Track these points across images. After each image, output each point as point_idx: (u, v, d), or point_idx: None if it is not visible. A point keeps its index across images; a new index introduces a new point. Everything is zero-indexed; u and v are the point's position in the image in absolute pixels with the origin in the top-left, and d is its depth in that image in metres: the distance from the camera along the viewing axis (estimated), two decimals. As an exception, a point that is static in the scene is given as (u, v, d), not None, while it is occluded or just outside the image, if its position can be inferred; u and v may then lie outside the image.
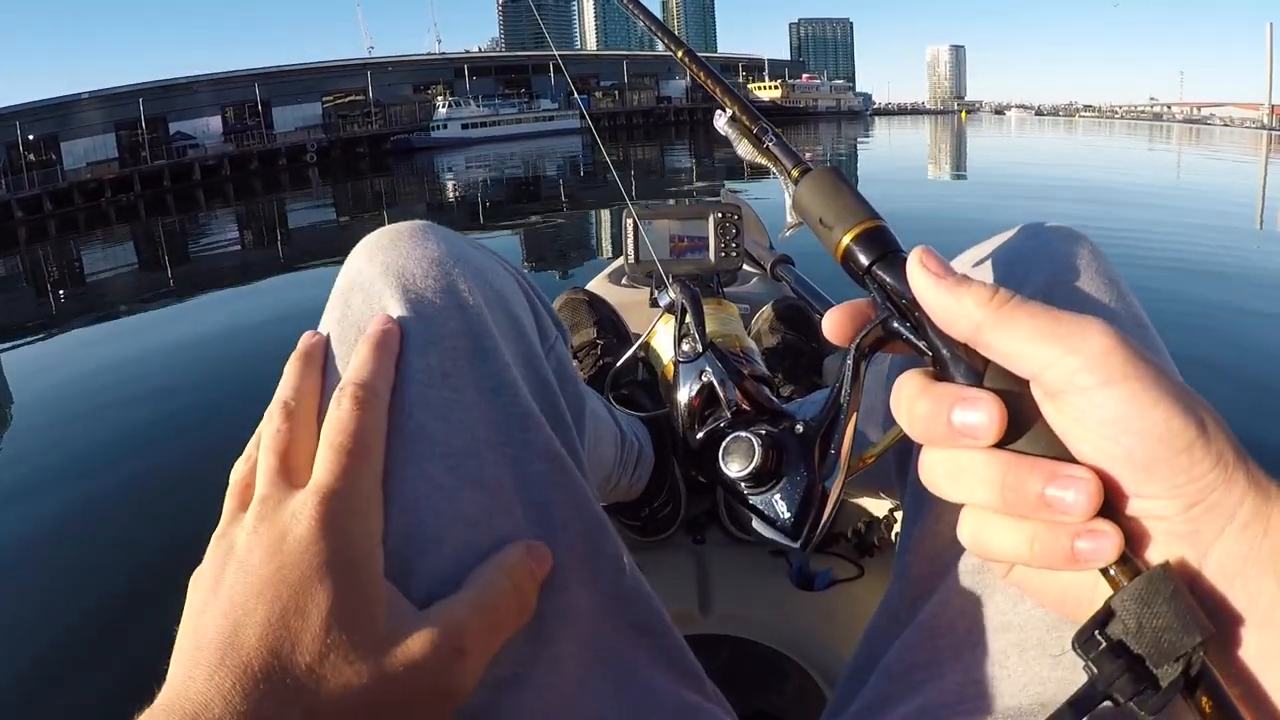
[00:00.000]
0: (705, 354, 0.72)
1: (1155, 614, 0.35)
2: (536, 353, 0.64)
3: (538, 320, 0.69)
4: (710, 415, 0.72)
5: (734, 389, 0.69)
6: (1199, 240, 7.43)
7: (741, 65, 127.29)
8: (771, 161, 0.58)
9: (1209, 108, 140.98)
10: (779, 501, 0.54)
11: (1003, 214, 9.09)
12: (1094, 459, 0.37)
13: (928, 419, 0.40)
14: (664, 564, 1.24)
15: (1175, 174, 17.82)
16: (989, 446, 0.39)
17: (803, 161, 0.55)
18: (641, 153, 32.64)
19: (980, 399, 0.39)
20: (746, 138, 0.60)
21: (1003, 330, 0.38)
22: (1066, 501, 0.37)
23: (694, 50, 0.67)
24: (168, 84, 60.77)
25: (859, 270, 0.47)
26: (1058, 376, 0.37)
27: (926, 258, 0.42)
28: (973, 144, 32.56)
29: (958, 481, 0.40)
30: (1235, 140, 43.66)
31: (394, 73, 74.58)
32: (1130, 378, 0.36)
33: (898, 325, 0.45)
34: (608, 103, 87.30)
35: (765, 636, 1.10)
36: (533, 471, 0.56)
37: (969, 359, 0.41)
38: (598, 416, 0.91)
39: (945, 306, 0.40)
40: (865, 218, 0.48)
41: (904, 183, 14.51)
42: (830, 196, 0.50)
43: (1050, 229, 0.65)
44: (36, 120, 50.90)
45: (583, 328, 1.50)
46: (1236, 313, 4.97)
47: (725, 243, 1.50)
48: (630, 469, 1.10)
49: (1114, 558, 0.37)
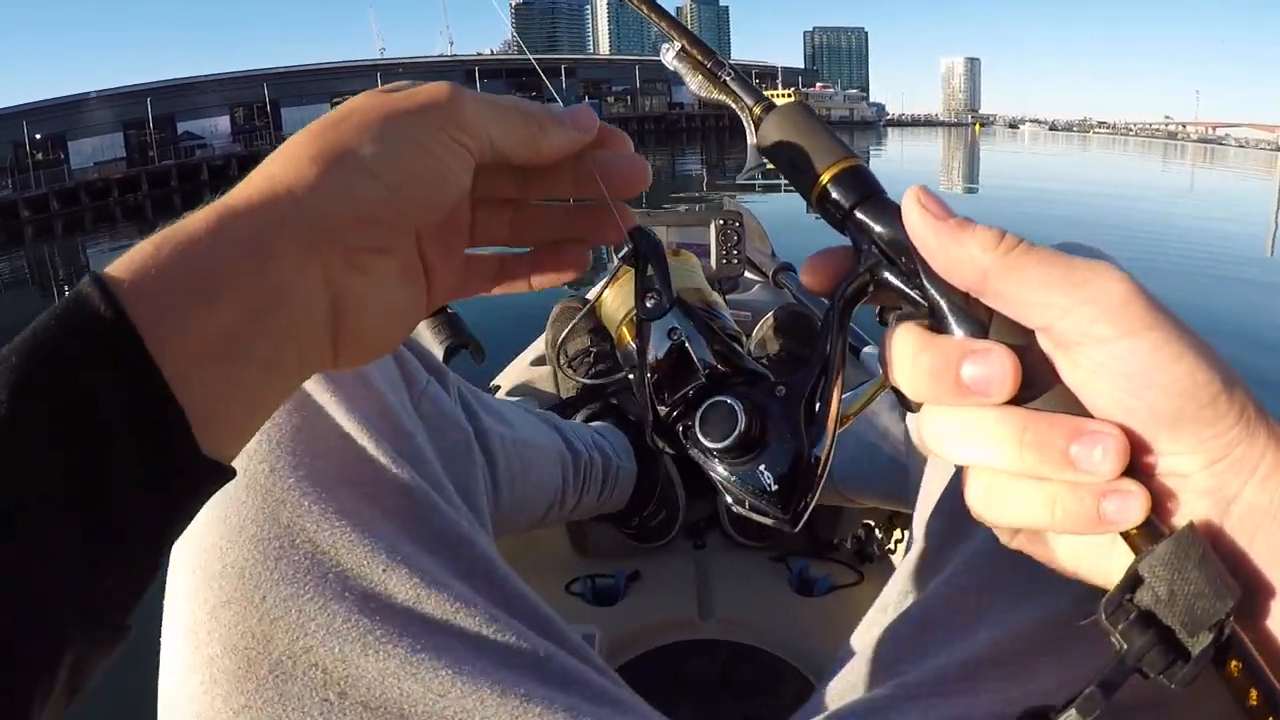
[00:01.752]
0: (673, 309, 0.60)
1: (1187, 579, 0.33)
2: (388, 401, 0.63)
3: (402, 367, 0.70)
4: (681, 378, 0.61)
5: (706, 348, 0.59)
6: (1206, 268, 7.26)
7: (755, 72, 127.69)
8: (730, 97, 0.52)
9: (1224, 128, 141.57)
10: (764, 473, 0.48)
11: (1018, 226, 8.98)
12: (1113, 414, 0.35)
13: (933, 375, 0.37)
14: (665, 569, 1.25)
15: (1187, 194, 17.73)
16: (1001, 403, 0.37)
17: (765, 98, 0.50)
18: (653, 158, 32.72)
19: (992, 350, 0.36)
20: (700, 71, 0.53)
21: (1012, 278, 0.36)
22: (1093, 460, 0.34)
23: None
24: (176, 84, 61.25)
25: (838, 214, 0.44)
26: (1073, 327, 0.35)
27: (926, 198, 0.39)
28: (985, 159, 32.52)
29: (966, 444, 0.38)
30: (1249, 162, 43.64)
31: (404, 74, 74.82)
32: (1151, 328, 0.34)
33: (887, 274, 0.42)
34: (620, 108, 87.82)
35: (765, 642, 1.10)
36: (389, 505, 0.57)
37: (970, 310, 0.38)
38: (523, 443, 0.90)
39: (948, 251, 0.38)
40: (841, 155, 0.44)
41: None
42: (801, 134, 0.46)
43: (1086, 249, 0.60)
44: (44, 119, 51.33)
45: (577, 335, 1.49)
46: (1240, 346, 4.81)
47: (727, 250, 1.53)
48: (595, 487, 1.10)
49: (1141, 519, 0.35)
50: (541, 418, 1.04)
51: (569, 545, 1.34)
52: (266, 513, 0.53)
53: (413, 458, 0.62)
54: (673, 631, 1.13)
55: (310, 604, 0.50)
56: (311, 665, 0.49)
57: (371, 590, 0.52)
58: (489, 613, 0.54)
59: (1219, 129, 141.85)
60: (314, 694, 0.49)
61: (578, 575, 1.22)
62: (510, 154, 0.43)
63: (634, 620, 1.14)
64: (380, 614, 0.51)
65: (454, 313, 1.37)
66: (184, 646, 0.50)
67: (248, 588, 0.50)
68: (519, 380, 1.59)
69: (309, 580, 0.51)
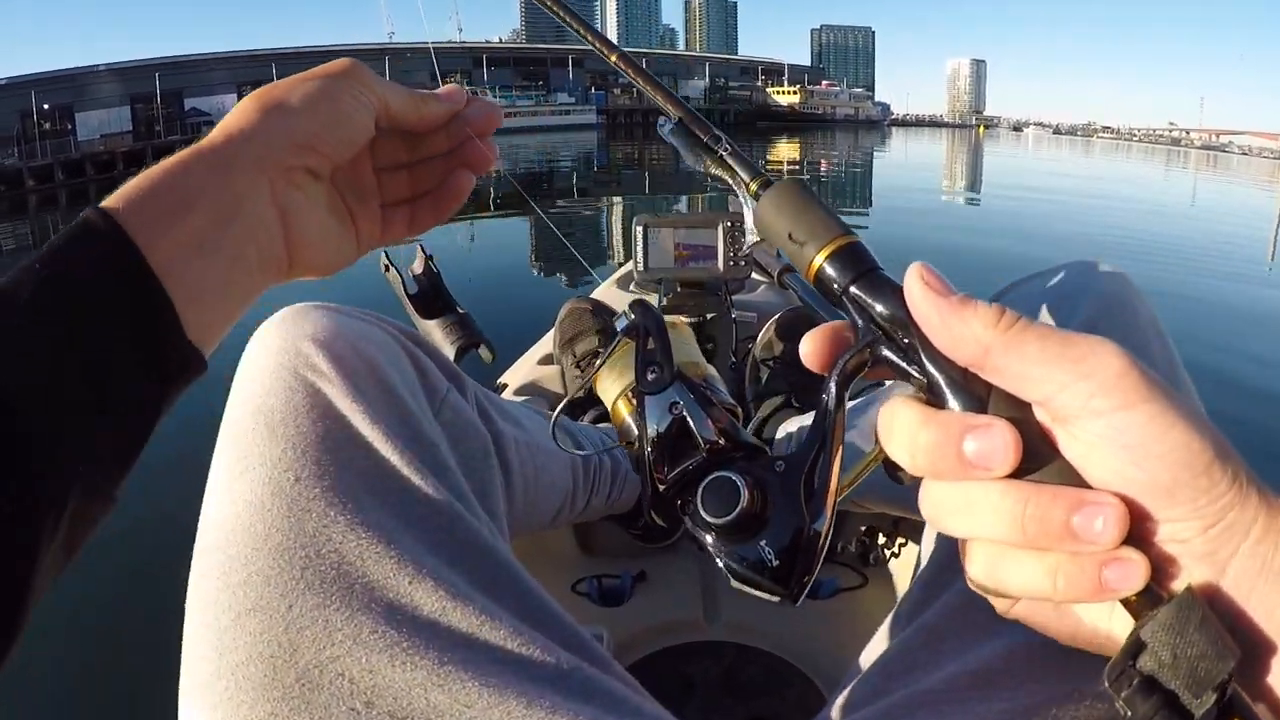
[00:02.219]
0: (674, 384, 0.64)
1: (1189, 643, 0.34)
2: (410, 411, 0.65)
3: (424, 377, 0.71)
4: (681, 453, 0.63)
5: (706, 422, 0.62)
6: (1209, 277, 7.25)
7: (761, 69, 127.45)
8: (727, 173, 0.55)
9: (1228, 135, 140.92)
10: (765, 549, 0.49)
11: (1017, 236, 8.91)
12: (1112, 484, 0.36)
13: (934, 450, 0.38)
14: (670, 570, 1.25)
15: (1189, 202, 17.68)
16: (1002, 477, 0.37)
17: (762, 173, 0.52)
18: (657, 150, 32.54)
19: (993, 426, 0.37)
20: (697, 146, 0.56)
21: (1013, 353, 0.37)
22: (1095, 530, 0.35)
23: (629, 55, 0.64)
24: (185, 60, 61.08)
25: (835, 290, 0.45)
26: (1071, 401, 0.36)
27: (927, 274, 0.40)
28: (988, 162, 32.41)
29: (968, 516, 0.38)
30: (1252, 170, 43.46)
31: (411, 59, 74.52)
32: (1147, 400, 0.35)
33: (885, 350, 0.42)
34: (626, 99, 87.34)
35: (769, 644, 1.11)
36: (413, 515, 0.58)
37: (968, 385, 0.39)
38: (537, 447, 0.90)
39: (950, 329, 0.38)
40: (838, 233, 0.45)
41: (919, 201, 14.43)
42: (798, 211, 0.47)
43: (1100, 270, 0.66)
44: (52, 90, 51.09)
45: (585, 337, 1.48)
46: (1240, 356, 4.84)
47: (734, 251, 1.50)
48: (604, 488, 1.11)
49: (1142, 585, 0.36)
50: (551, 418, 1.04)
51: (575, 545, 1.35)
52: (292, 521, 0.53)
53: (436, 467, 0.63)
54: (679, 633, 1.14)
55: (337, 614, 0.51)
56: (338, 675, 0.49)
57: (398, 602, 0.52)
58: (513, 625, 0.54)
59: (1223, 136, 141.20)
60: (341, 703, 0.49)
61: (584, 575, 1.23)
62: (401, 115, 0.56)
63: (640, 621, 1.15)
64: (407, 626, 0.51)
65: (465, 313, 1.38)
66: (208, 652, 0.50)
67: (273, 596, 0.51)
68: (526, 379, 1.59)
69: (335, 590, 0.51)
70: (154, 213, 0.43)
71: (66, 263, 0.40)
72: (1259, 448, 3.18)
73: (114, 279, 0.40)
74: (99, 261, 0.40)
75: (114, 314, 0.40)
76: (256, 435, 0.57)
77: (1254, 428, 3.51)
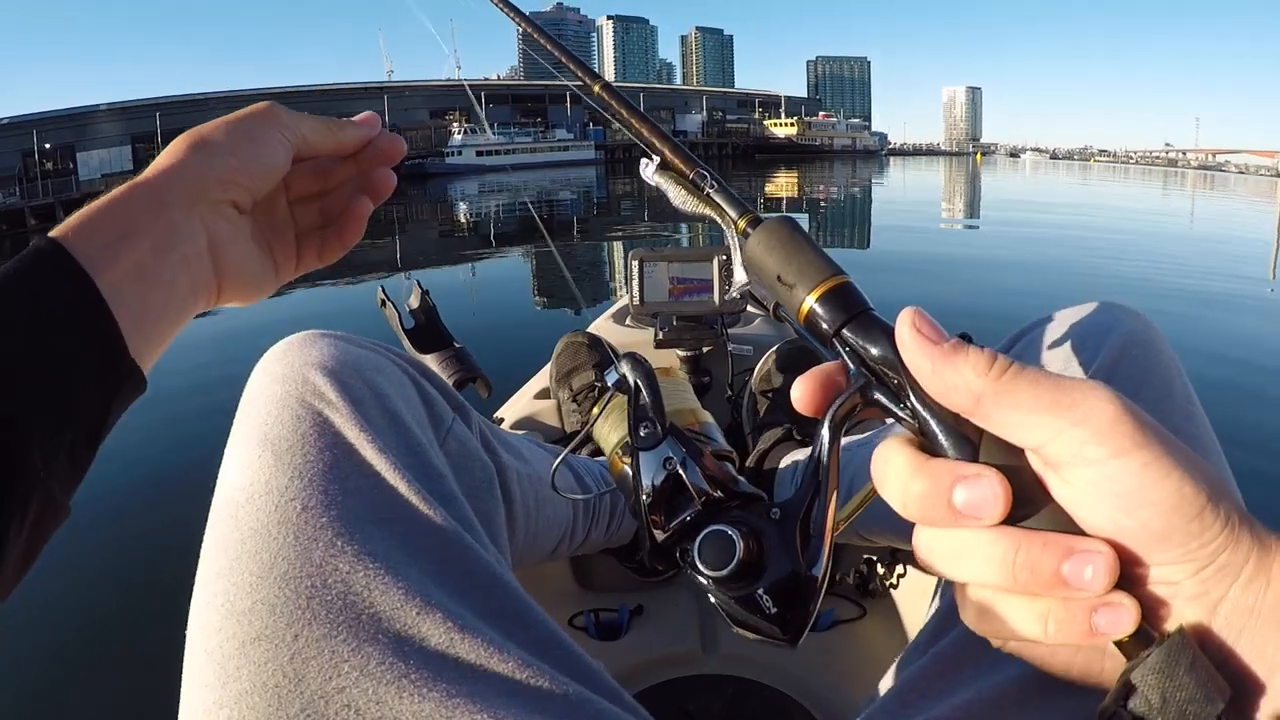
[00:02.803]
0: (667, 439, 0.64)
1: (1178, 686, 0.35)
2: (418, 441, 0.65)
3: (430, 407, 0.72)
4: (677, 505, 0.64)
5: (699, 474, 0.62)
6: (1211, 296, 7.23)
7: (758, 101, 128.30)
8: (714, 211, 0.54)
9: (1224, 154, 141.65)
10: (763, 596, 0.49)
11: (1018, 264, 8.91)
12: (1105, 530, 0.37)
13: (925, 499, 0.39)
14: (668, 604, 1.25)
15: (1189, 222, 17.71)
16: (993, 524, 0.38)
17: (751, 210, 0.51)
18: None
19: (983, 476, 0.37)
20: (682, 185, 0.55)
21: (1005, 400, 0.37)
22: (1085, 578, 0.36)
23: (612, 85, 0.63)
24: (186, 100, 61.50)
25: (826, 333, 0.44)
26: (1064, 448, 0.36)
27: (920, 320, 0.40)
28: (987, 188, 32.50)
29: (961, 562, 0.39)
30: (1249, 188, 43.56)
31: (411, 97, 75.12)
32: (1141, 447, 0.35)
33: (877, 394, 0.42)
34: (623, 135, 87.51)
35: (768, 677, 1.10)
36: (421, 545, 0.58)
37: (960, 429, 0.39)
38: (539, 480, 0.90)
39: (942, 376, 0.39)
40: (830, 274, 0.45)
41: (918, 228, 14.45)
42: (788, 251, 0.47)
43: (1123, 310, 0.68)
44: (54, 129, 51.44)
45: (582, 370, 1.50)
46: (1246, 372, 4.80)
47: (729, 284, 1.41)
48: (604, 521, 1.11)
49: (1132, 629, 0.36)
50: (552, 453, 1.04)
51: (572, 579, 1.34)
52: (299, 550, 0.53)
53: (444, 497, 0.63)
54: (677, 666, 1.13)
55: (344, 644, 0.50)
56: (344, 705, 0.49)
57: (406, 633, 0.52)
58: (521, 656, 0.54)
59: (1219, 155, 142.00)
60: None
61: (581, 609, 1.22)
62: (317, 144, 0.60)
63: (637, 655, 1.14)
64: (415, 657, 0.51)
65: (461, 347, 1.38)
66: (211, 680, 0.50)
67: (279, 625, 0.50)
68: (523, 413, 1.59)
69: (342, 620, 0.51)
70: (99, 243, 0.46)
71: (25, 288, 0.43)
72: (1266, 469, 3.19)
73: (70, 303, 0.43)
74: (55, 287, 0.43)
75: (72, 335, 0.43)
76: (263, 463, 0.58)
77: (1262, 450, 3.50)
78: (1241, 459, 3.48)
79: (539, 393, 1.66)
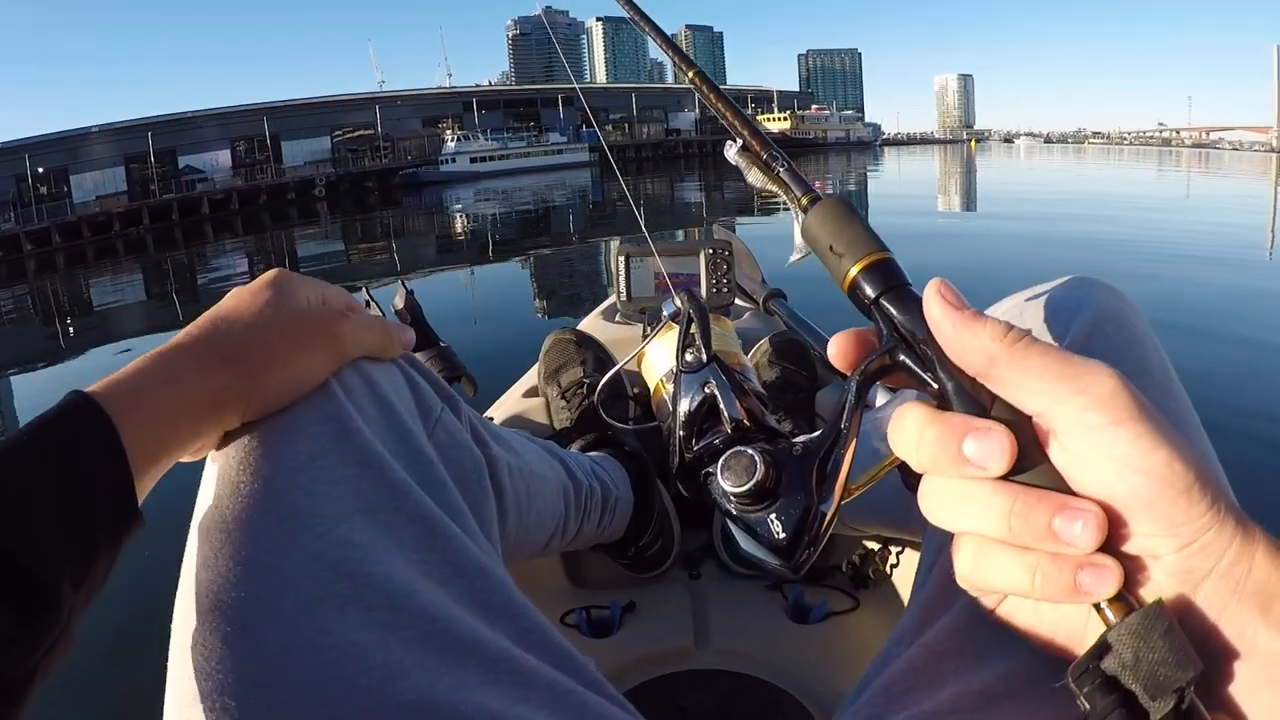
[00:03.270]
0: (710, 365, 0.69)
1: (1151, 647, 0.36)
2: (408, 429, 0.65)
3: (419, 397, 0.71)
4: (709, 429, 0.69)
5: (735, 404, 0.67)
6: (1209, 273, 7.23)
7: (750, 97, 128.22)
8: (782, 189, 0.59)
9: (1218, 131, 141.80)
10: (774, 521, 0.53)
11: (1014, 249, 8.90)
12: (1096, 493, 0.39)
13: (937, 447, 0.42)
14: (660, 599, 1.25)
15: (1184, 200, 17.70)
16: (995, 477, 0.40)
17: (812, 190, 0.56)
18: (652, 185, 32.69)
19: (993, 429, 0.40)
20: (757, 165, 0.60)
21: (1016, 366, 0.40)
22: (1074, 533, 0.38)
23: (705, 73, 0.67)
24: (177, 118, 61.31)
25: (866, 300, 0.48)
26: (1066, 414, 0.39)
27: (944, 289, 0.43)
28: (982, 175, 32.49)
29: (962, 511, 0.42)
30: (1244, 164, 43.53)
31: (402, 107, 75.09)
32: (1136, 420, 0.38)
33: (904, 357, 0.46)
34: (617, 135, 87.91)
35: (761, 670, 1.10)
36: (407, 535, 0.57)
37: (975, 393, 0.42)
38: (529, 473, 0.90)
39: (961, 339, 0.42)
40: (875, 249, 0.49)
41: (913, 216, 14.44)
42: (840, 226, 0.51)
43: (1095, 284, 0.68)
44: (46, 153, 51.37)
45: (570, 367, 1.50)
46: (1246, 348, 4.84)
47: (717, 278, 1.53)
48: (595, 515, 1.11)
49: (1114, 591, 0.38)
50: (543, 446, 1.03)
51: (564, 576, 1.33)
52: (283, 541, 0.53)
53: (434, 485, 0.63)
54: (669, 662, 1.12)
55: (325, 636, 0.50)
56: None
57: (386, 621, 0.52)
58: (505, 648, 0.55)
59: (1213, 133, 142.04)
60: None
61: (572, 606, 1.22)
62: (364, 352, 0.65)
63: (630, 651, 1.13)
64: (396, 646, 0.51)
65: (447, 346, 1.37)
66: (193, 672, 0.49)
67: (265, 616, 0.50)
68: (512, 412, 1.58)
69: (324, 611, 0.51)
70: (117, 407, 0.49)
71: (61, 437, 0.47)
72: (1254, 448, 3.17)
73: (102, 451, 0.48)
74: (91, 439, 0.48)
75: (97, 481, 0.47)
76: (248, 450, 0.57)
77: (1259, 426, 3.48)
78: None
79: (527, 391, 1.65)
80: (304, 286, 0.64)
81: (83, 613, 0.47)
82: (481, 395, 1.41)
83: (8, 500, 0.43)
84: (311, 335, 0.60)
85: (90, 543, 0.46)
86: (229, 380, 0.55)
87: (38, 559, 0.43)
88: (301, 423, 0.58)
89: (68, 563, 0.44)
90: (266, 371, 0.56)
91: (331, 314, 0.62)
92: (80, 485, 0.46)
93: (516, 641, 0.56)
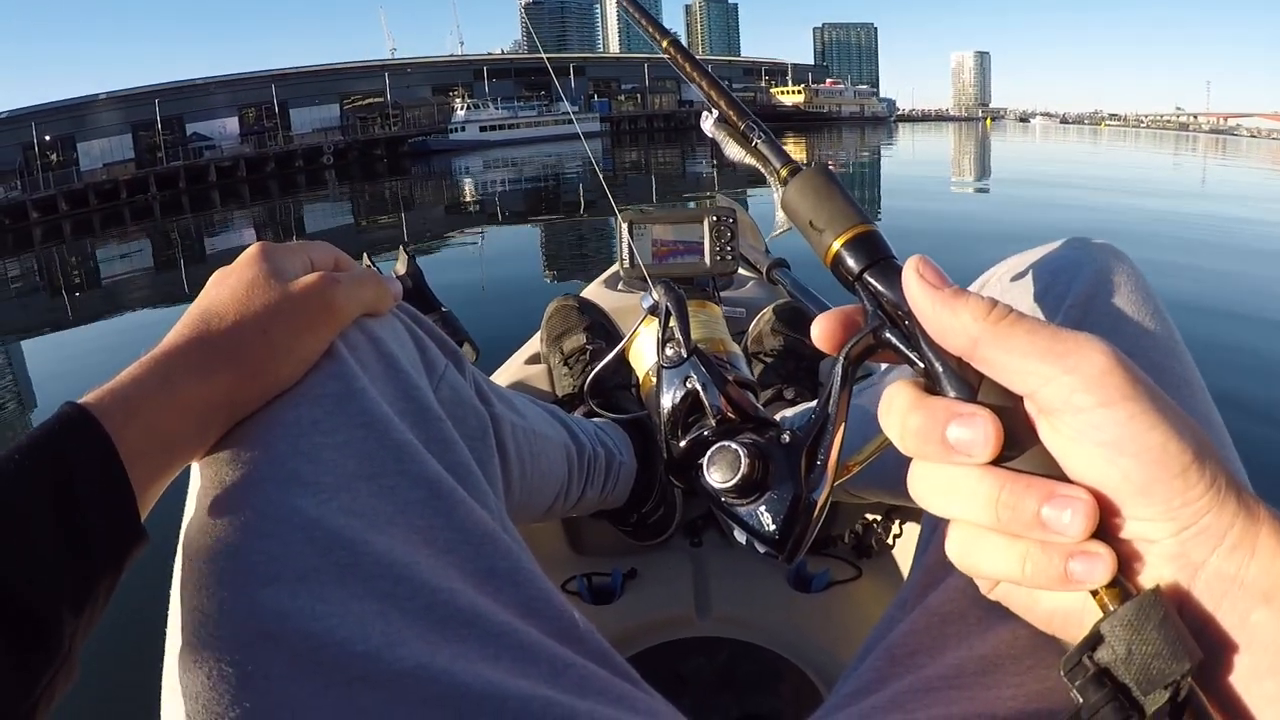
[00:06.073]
0: (690, 359, 0.68)
1: (1145, 640, 0.35)
2: (414, 385, 0.64)
3: (423, 353, 0.70)
4: (694, 423, 0.69)
5: (718, 395, 0.66)
6: (1220, 257, 7.19)
7: (764, 69, 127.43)
8: (760, 161, 0.57)
9: (1236, 118, 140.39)
10: (764, 513, 0.53)
11: (1025, 224, 8.85)
12: (1088, 479, 0.37)
13: (921, 433, 0.40)
14: (661, 567, 1.25)
15: (1200, 184, 17.60)
16: (983, 463, 0.39)
17: (792, 161, 0.54)
18: (662, 155, 32.56)
19: (976, 415, 0.39)
20: (734, 137, 0.59)
21: (1000, 346, 0.38)
22: (1063, 522, 0.37)
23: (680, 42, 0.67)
24: (185, 85, 61.28)
25: (849, 276, 0.47)
26: (1054, 395, 0.37)
27: (923, 267, 0.42)
28: (996, 153, 32.28)
29: (949, 497, 0.41)
30: (1262, 152, 43.18)
31: (412, 75, 74.81)
32: (1129, 399, 0.36)
33: (889, 335, 0.45)
34: (629, 106, 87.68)
35: (762, 639, 1.10)
36: (411, 499, 0.56)
37: (962, 373, 0.41)
38: (533, 434, 0.89)
39: (941, 319, 0.40)
40: (856, 221, 0.47)
41: (929, 192, 14.38)
42: (820, 198, 0.49)
43: (1094, 244, 0.66)
44: (53, 121, 51.39)
45: (572, 334, 1.49)
46: (1259, 330, 4.83)
47: (720, 246, 1.50)
48: (599, 480, 1.10)
49: (1107, 580, 0.37)
50: (547, 409, 1.02)
51: (565, 543, 1.33)
52: (284, 509, 0.51)
53: (441, 443, 0.62)
54: (670, 629, 1.12)
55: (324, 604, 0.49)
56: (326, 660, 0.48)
57: (387, 591, 0.51)
58: (507, 618, 0.53)
59: (1230, 119, 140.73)
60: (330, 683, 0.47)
61: (574, 574, 1.22)
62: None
63: (631, 618, 1.13)
64: (395, 619, 0.50)
65: (448, 311, 1.36)
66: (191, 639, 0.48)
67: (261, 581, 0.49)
68: (514, 379, 1.57)
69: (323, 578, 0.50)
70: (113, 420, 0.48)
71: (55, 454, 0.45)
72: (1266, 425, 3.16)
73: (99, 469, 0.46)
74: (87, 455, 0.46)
75: (95, 501, 0.46)
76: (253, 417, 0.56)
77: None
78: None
79: (529, 358, 1.64)
80: (288, 256, 0.61)
81: (85, 637, 0.45)
82: (485, 362, 1.40)
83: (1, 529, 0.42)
84: (308, 313, 0.58)
85: (90, 568, 0.45)
86: (231, 380, 0.53)
87: (34, 591, 0.42)
88: (305, 387, 0.57)
89: (66, 591, 0.43)
90: (269, 364, 0.55)
91: (323, 284, 0.60)
92: (77, 508, 0.44)
93: (519, 612, 0.55)
